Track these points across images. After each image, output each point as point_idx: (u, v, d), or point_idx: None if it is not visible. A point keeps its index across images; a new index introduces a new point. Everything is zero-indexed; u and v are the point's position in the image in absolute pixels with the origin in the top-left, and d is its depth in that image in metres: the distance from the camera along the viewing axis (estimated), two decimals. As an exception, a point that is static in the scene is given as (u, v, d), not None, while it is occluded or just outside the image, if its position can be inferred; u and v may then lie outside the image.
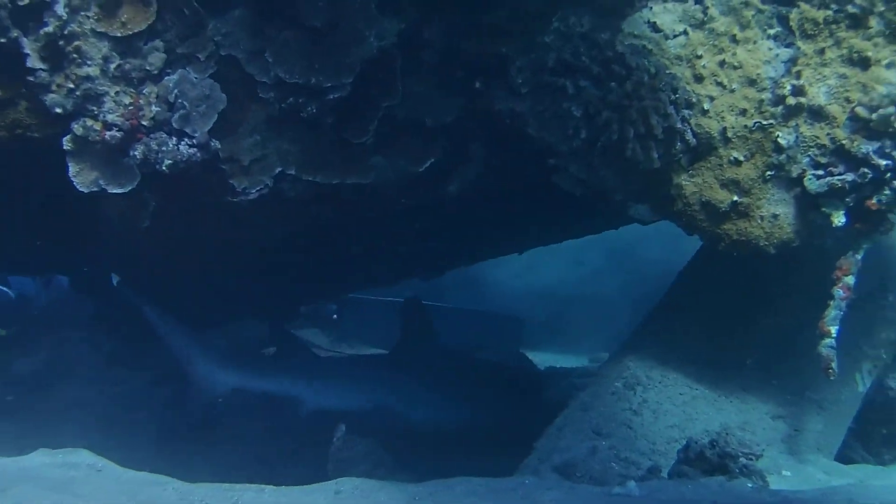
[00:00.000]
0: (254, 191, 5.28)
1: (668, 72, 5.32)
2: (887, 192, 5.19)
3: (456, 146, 5.65)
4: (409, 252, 7.02)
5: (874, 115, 5.05)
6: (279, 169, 5.28)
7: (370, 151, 5.40)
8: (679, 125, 5.30)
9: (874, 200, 5.21)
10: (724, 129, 5.35)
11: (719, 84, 5.34)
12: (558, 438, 5.65)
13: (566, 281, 15.46)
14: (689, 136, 5.36)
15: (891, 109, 5.00)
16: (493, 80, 5.37)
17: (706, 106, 5.36)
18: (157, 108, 4.96)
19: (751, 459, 5.00)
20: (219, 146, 5.09)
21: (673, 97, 5.28)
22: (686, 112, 5.35)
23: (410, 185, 5.63)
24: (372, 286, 9.26)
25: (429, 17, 5.14)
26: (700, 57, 5.34)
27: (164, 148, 4.97)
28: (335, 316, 11.40)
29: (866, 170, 5.12)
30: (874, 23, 5.15)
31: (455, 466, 4.64)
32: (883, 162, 5.09)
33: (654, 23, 5.33)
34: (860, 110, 5.10)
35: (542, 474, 5.12)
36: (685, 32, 5.34)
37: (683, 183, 5.52)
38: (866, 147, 5.11)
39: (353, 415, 7.34)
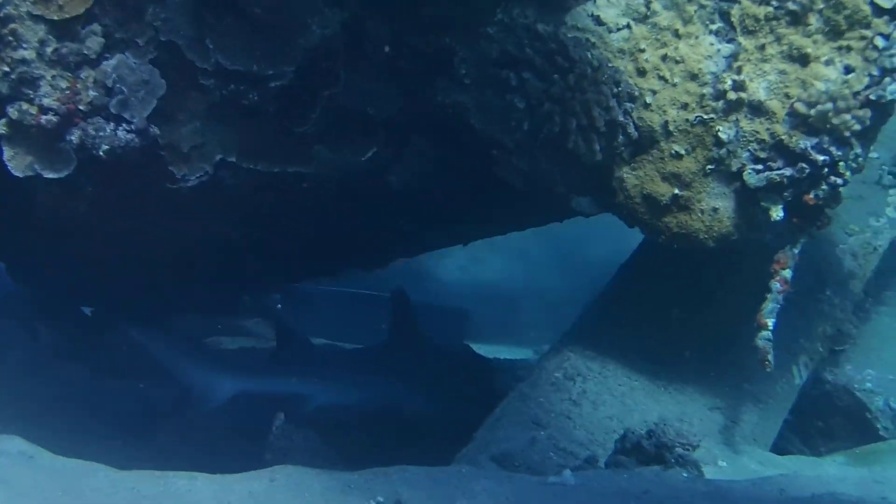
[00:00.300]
0: (193, 178, 5.22)
1: (610, 65, 5.34)
2: (824, 187, 5.27)
3: (398, 137, 5.64)
4: (351, 243, 6.97)
5: (813, 111, 5.12)
6: (219, 156, 5.23)
7: (312, 141, 5.37)
8: (621, 118, 5.33)
9: (811, 195, 5.29)
10: (666, 122, 5.39)
11: (661, 78, 5.38)
12: (497, 429, 5.67)
13: (511, 274, 15.49)
14: (631, 129, 5.40)
15: (829, 106, 5.07)
16: (437, 71, 5.36)
17: (648, 99, 5.39)
18: (95, 93, 4.88)
19: (687, 450, 5.05)
20: (158, 132, 5.02)
21: (615, 90, 5.31)
22: (628, 105, 5.38)
23: (352, 176, 5.61)
24: (315, 277, 9.20)
25: (372, 8, 5.11)
26: (643, 51, 5.37)
27: (101, 133, 4.89)
28: (279, 306, 11.34)
29: (804, 165, 5.19)
30: (813, 20, 5.20)
31: (398, 456, 4.64)
32: (820, 157, 5.16)
33: (598, 16, 5.35)
34: (799, 106, 5.16)
35: (480, 464, 5.13)
36: (628, 26, 5.36)
37: (625, 176, 5.56)
38: (805, 143, 5.17)
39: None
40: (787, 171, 5.22)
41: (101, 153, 4.92)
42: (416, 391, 8.10)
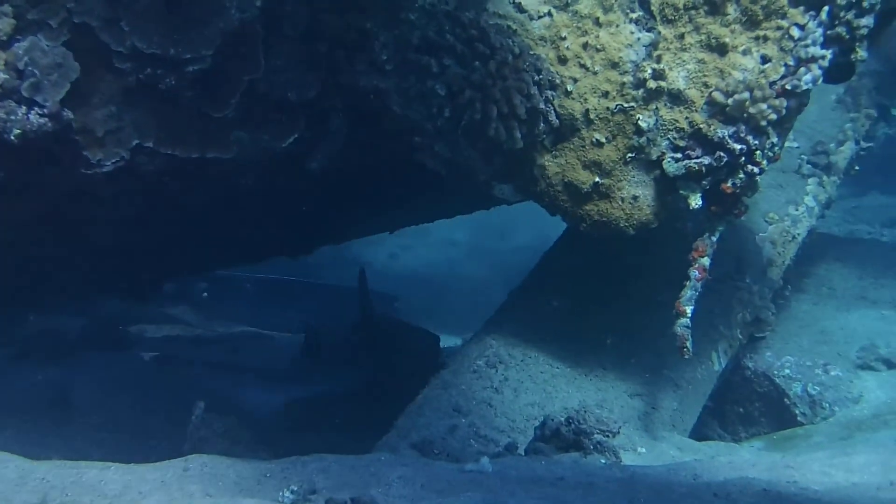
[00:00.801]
0: (109, 163, 5.10)
1: (532, 53, 5.35)
2: (742, 175, 5.33)
3: (319, 122, 5.57)
4: (274, 229, 6.91)
5: (730, 101, 5.17)
6: (136, 141, 5.11)
7: (231, 126, 5.28)
8: (542, 106, 5.34)
9: (729, 184, 5.35)
10: (587, 110, 5.41)
11: (582, 66, 5.40)
12: (418, 416, 5.65)
13: (440, 261, 15.53)
14: (552, 117, 5.42)
15: (745, 95, 5.12)
16: (358, 55, 5.31)
17: (569, 87, 5.41)
18: (6, 76, 4.74)
19: (607, 436, 5.08)
20: (71, 116, 4.89)
21: (536, 78, 5.32)
22: (549, 93, 5.40)
23: (273, 161, 5.54)
24: (238, 264, 9.11)
25: (289, -10, 5.06)
26: (564, 39, 5.39)
27: (12, 117, 4.76)
28: (205, 294, 11.21)
29: (722, 154, 5.25)
30: (731, 10, 5.26)
31: (328, 440, 4.63)
32: (738, 146, 5.22)
33: (519, 3, 5.36)
34: (717, 95, 5.21)
35: (400, 451, 5.12)
36: (549, 14, 5.38)
37: (547, 163, 5.58)
38: (722, 131, 5.23)
39: None
40: (706, 160, 5.27)
41: (12, 137, 4.79)
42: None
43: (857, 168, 8.71)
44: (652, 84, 5.30)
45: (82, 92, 4.89)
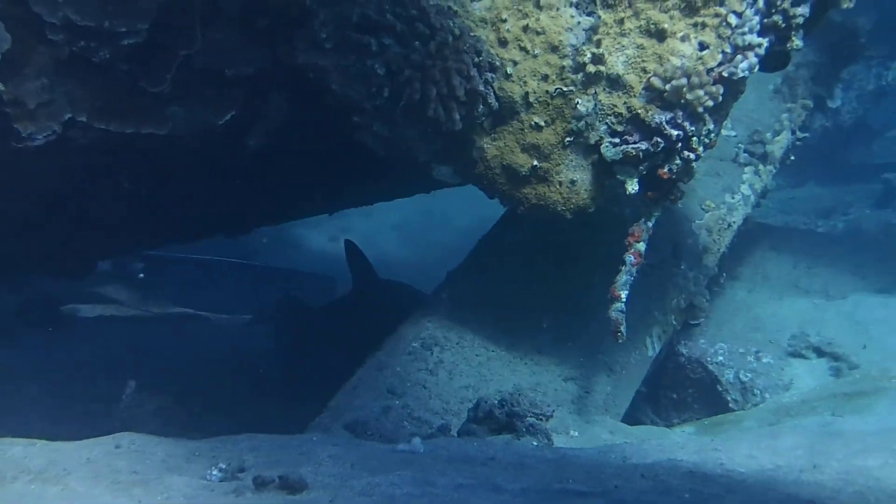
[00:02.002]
0: (41, 136, 5.00)
1: (472, 34, 5.34)
2: (678, 161, 5.37)
3: (257, 98, 5.52)
4: (211, 208, 6.83)
5: (668, 87, 5.20)
6: (69, 115, 5.01)
7: (167, 101, 5.21)
8: (482, 88, 5.33)
9: (665, 169, 5.38)
10: (527, 94, 5.41)
11: (523, 49, 5.39)
12: (353, 397, 5.64)
13: (380, 244, 15.49)
14: (491, 99, 5.41)
15: (683, 81, 5.15)
16: (297, 31, 5.26)
17: (509, 70, 5.41)
18: (-66, 45, 4.65)
19: (540, 419, 5.10)
20: (2, 88, 4.81)
21: (476, 60, 5.31)
22: (489, 75, 5.39)
23: (209, 137, 5.47)
24: (174, 243, 9.01)
25: (228, -36, 4.99)
26: (504, 21, 5.38)
27: (-59, 87, 4.68)
28: (141, 275, 11.07)
29: (659, 139, 5.28)
30: (671, -5, 5.28)
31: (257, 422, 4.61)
32: (674, 132, 5.25)
33: (461, -16, 5.33)
34: (655, 81, 5.23)
35: (333, 432, 5.10)
36: (491, -5, 5.35)
37: (486, 146, 5.57)
38: (660, 117, 5.25)
39: None
40: (643, 145, 5.30)
41: (-61, 108, 4.70)
42: None
43: (792, 158, 8.83)
44: (591, 68, 5.31)
45: (14, 63, 4.79)
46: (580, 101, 5.35)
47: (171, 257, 11.30)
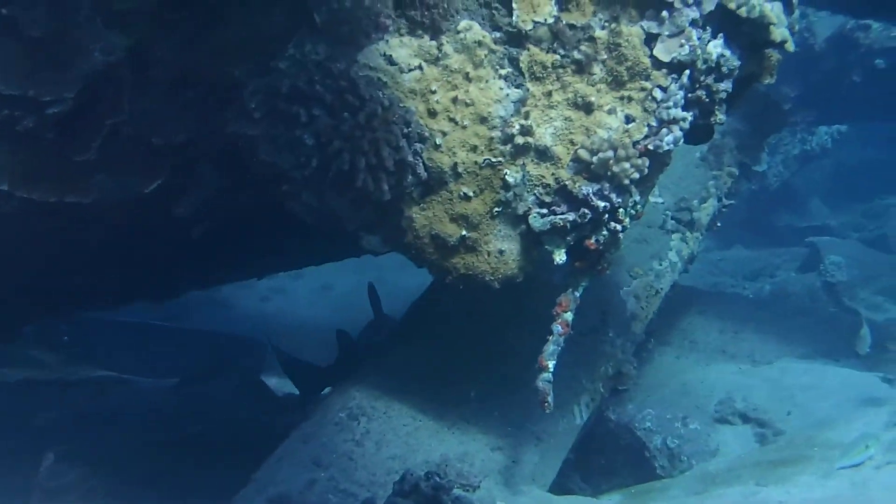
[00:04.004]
0: (-40, 204, 4.94)
1: (401, 105, 5.36)
2: (605, 232, 5.43)
3: (186, 167, 5.49)
4: (138, 273, 6.74)
5: (595, 159, 5.27)
6: (-10, 183, 4.96)
7: (93, 169, 5.15)
8: (411, 158, 5.35)
9: (593, 240, 5.45)
10: (456, 164, 5.44)
11: (452, 120, 5.43)
12: (277, 469, 5.57)
13: (315, 305, 15.38)
14: (420, 169, 5.43)
15: (609, 154, 5.22)
16: (227, 102, 5.25)
17: (439, 141, 5.44)
18: None
19: (467, 490, 5.09)
20: (-77, 155, 4.74)
21: (405, 130, 5.33)
22: (418, 146, 5.41)
23: (137, 206, 5.42)
24: (101, 308, 8.87)
25: (158, 34, 4.96)
26: (434, 92, 5.41)
27: None
28: (66, 338, 10.86)
29: (586, 210, 5.34)
30: (597, 70, 5.37)
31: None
32: (601, 203, 5.31)
33: (390, 56, 5.36)
34: (582, 153, 5.30)
35: (256, 506, 5.04)
36: (420, 67, 5.39)
37: (414, 215, 5.58)
38: (587, 188, 5.31)
39: None
40: (570, 216, 5.36)
41: None
42: None
43: (719, 224, 8.98)
44: (520, 140, 5.36)
45: (-66, 130, 4.72)
46: (508, 172, 5.39)
47: (97, 319, 11.10)
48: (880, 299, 13.68)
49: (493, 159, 5.41)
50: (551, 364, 5.55)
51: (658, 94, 5.34)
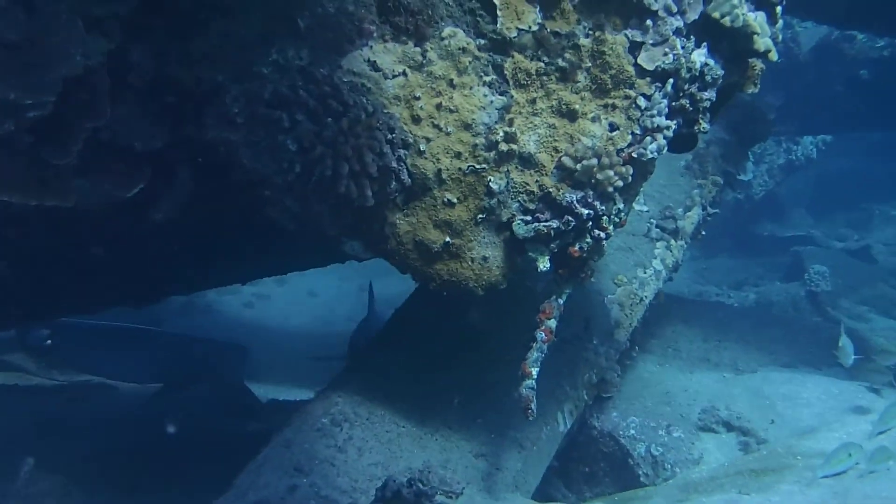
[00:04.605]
0: (-62, 208, 4.90)
1: (385, 111, 5.34)
2: (588, 240, 5.43)
3: (165, 172, 5.46)
4: (119, 277, 6.70)
5: (578, 166, 5.26)
6: (-33, 187, 4.92)
7: (73, 174, 5.12)
8: (394, 164, 5.32)
9: (576, 248, 5.44)
10: (440, 170, 5.42)
11: (436, 126, 5.41)
12: (257, 475, 5.53)
13: (299, 312, 15.36)
14: (404, 175, 5.41)
15: (593, 161, 5.22)
16: (207, 107, 5.22)
17: (422, 147, 5.42)
18: None
19: (450, 497, 5.06)
20: None
21: (389, 136, 5.30)
22: (402, 152, 5.39)
23: (116, 211, 5.39)
24: (81, 312, 8.81)
25: (137, 39, 4.93)
26: (418, 98, 5.39)
27: None
28: (48, 342, 10.78)
29: (570, 218, 5.33)
30: (581, 77, 5.37)
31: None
32: (585, 211, 5.30)
33: (374, 62, 5.33)
34: (566, 160, 5.30)
35: (236, 513, 5.00)
36: (404, 73, 5.37)
37: (398, 222, 5.56)
38: (570, 196, 5.31)
39: None
40: (554, 223, 5.35)
41: None
42: None
43: (703, 233, 8.99)
44: (504, 147, 5.35)
45: (-87, 135, 4.67)
46: (492, 179, 5.38)
47: (79, 323, 11.02)
48: (863, 309, 13.77)
49: (477, 166, 5.39)
50: (535, 371, 5.53)
51: (642, 102, 5.34)
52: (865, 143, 21.66)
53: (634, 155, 5.31)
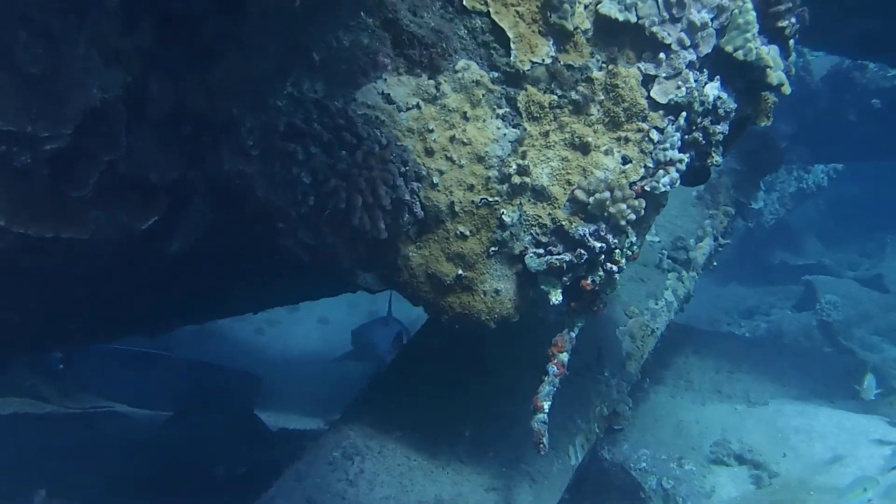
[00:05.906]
0: (-45, 239, 4.92)
1: (399, 143, 5.36)
2: (601, 273, 5.42)
3: (180, 203, 5.48)
4: (133, 307, 6.72)
5: (591, 199, 5.27)
6: (-15, 219, 4.94)
7: (89, 205, 5.14)
8: (407, 197, 5.34)
9: (588, 281, 5.43)
10: (452, 203, 5.43)
11: (449, 159, 5.43)
12: (270, 508, 5.54)
13: (310, 338, 15.35)
14: (417, 208, 5.42)
15: (606, 195, 5.22)
16: (223, 139, 5.25)
17: (435, 179, 5.43)
18: None
19: (461, 532, 5.04)
20: (-82, 190, 4.72)
21: (403, 169, 5.32)
22: (415, 184, 5.41)
23: (132, 242, 5.41)
24: (95, 342, 8.85)
25: (154, 72, 4.97)
26: (431, 131, 5.41)
27: None
28: (61, 366, 10.79)
29: (582, 251, 5.33)
30: (594, 110, 5.38)
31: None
32: (597, 244, 5.30)
33: (388, 94, 5.36)
34: (579, 193, 5.30)
35: (248, 546, 4.99)
36: (418, 106, 5.39)
37: (411, 254, 5.57)
38: (583, 229, 5.31)
39: None
40: (566, 256, 5.35)
41: None
42: None
43: (714, 263, 8.98)
44: (516, 179, 5.36)
45: (-69, 166, 4.71)
46: (505, 212, 5.39)
47: (92, 348, 11.03)
48: (876, 339, 13.70)
49: (490, 199, 5.41)
50: (546, 405, 5.53)
51: (655, 135, 5.35)
52: (878, 171, 21.63)
53: (647, 188, 5.31)
